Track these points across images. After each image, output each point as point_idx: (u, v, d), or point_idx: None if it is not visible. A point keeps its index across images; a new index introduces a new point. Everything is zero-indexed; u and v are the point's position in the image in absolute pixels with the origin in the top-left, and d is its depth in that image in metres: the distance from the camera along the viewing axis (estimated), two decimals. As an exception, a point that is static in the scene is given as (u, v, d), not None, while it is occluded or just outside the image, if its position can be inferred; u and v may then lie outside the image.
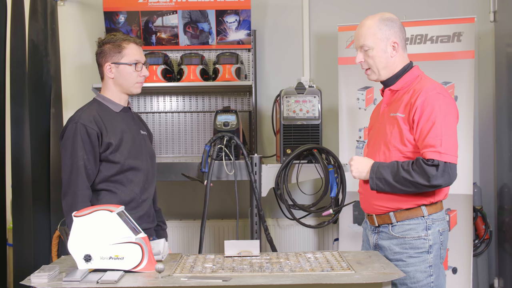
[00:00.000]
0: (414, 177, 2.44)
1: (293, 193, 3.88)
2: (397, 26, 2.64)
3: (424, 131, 2.46)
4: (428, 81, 2.58)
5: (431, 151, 2.42)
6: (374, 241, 2.71)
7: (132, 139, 2.83)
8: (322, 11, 4.67)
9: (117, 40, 2.80)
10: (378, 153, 2.64)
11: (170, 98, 4.60)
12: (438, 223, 2.59)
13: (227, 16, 4.34)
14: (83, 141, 2.66)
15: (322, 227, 4.10)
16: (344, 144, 4.11)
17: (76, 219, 2.31)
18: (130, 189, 2.78)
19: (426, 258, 2.56)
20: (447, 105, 2.49)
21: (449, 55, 3.89)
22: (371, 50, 2.63)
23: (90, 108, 2.79)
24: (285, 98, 3.85)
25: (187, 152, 4.61)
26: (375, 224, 2.68)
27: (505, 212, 4.32)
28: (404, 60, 2.68)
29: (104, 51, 2.80)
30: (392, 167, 2.51)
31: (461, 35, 3.91)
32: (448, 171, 2.41)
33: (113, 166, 2.74)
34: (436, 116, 2.45)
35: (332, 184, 3.69)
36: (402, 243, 2.58)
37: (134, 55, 2.80)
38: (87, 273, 2.25)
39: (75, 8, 4.64)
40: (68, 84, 4.55)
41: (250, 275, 2.24)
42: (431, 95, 2.48)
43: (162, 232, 3.16)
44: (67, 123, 2.73)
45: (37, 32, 3.90)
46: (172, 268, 2.35)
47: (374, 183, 2.57)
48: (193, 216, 4.54)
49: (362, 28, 2.66)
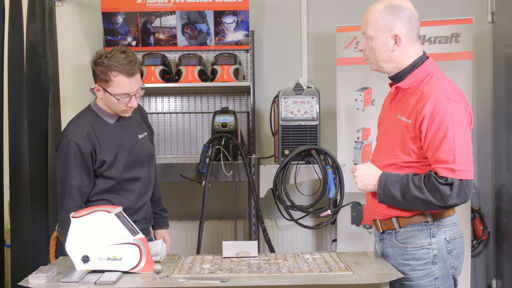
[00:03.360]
0: (426, 195, 2.21)
1: (291, 194, 3.88)
2: (405, 16, 2.34)
3: (434, 144, 2.21)
4: (438, 83, 2.30)
5: (443, 167, 2.18)
6: (380, 249, 2.53)
7: (128, 151, 2.77)
8: (320, 12, 4.67)
9: (108, 67, 2.59)
10: (385, 157, 2.42)
11: (168, 98, 4.60)
12: (445, 230, 2.35)
13: (225, 17, 4.34)
14: (76, 160, 2.62)
15: (320, 228, 4.11)
16: (342, 145, 4.11)
17: (74, 220, 2.31)
18: (125, 198, 2.76)
19: (431, 270, 2.34)
20: (458, 112, 2.22)
21: (447, 56, 3.89)
22: (371, 40, 2.39)
23: (84, 121, 2.71)
24: (283, 98, 3.85)
25: (185, 153, 4.60)
26: (380, 230, 2.49)
27: (503, 213, 4.32)
28: (414, 54, 2.38)
29: (95, 71, 2.65)
30: (401, 183, 2.28)
31: (459, 36, 3.91)
32: (465, 189, 2.18)
33: (109, 181, 2.72)
34: (447, 127, 2.19)
35: (330, 185, 3.69)
36: (404, 254, 2.38)
37: (121, 88, 2.62)
38: (85, 274, 2.25)
39: (73, 9, 4.63)
40: (66, 85, 4.54)
41: (248, 276, 2.25)
42: (441, 102, 2.22)
43: (162, 220, 3.12)
44: (61, 137, 2.69)
45: (35, 33, 3.90)
46: (170, 269, 2.35)
47: (382, 199, 2.36)
48: (191, 217, 4.54)
49: (368, 13, 2.41)
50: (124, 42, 4.37)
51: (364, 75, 4.01)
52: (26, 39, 3.81)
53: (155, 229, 3.12)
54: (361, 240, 4.07)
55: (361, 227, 4.09)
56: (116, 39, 4.37)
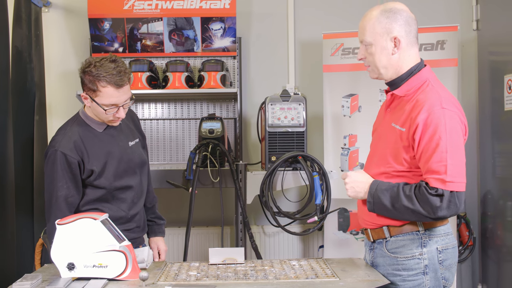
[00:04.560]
0: (416, 206, 2.18)
1: (278, 200, 3.89)
2: (401, 18, 2.30)
3: (427, 153, 2.17)
4: (434, 92, 2.25)
5: (434, 178, 2.15)
6: (370, 259, 2.48)
7: (118, 159, 2.72)
8: (307, 18, 4.69)
9: (96, 77, 2.51)
10: (377, 165, 2.39)
11: (155, 105, 4.59)
12: (437, 239, 2.31)
13: (212, 23, 4.34)
14: (62, 170, 2.57)
15: (307, 234, 4.11)
16: (329, 151, 4.12)
17: (60, 227, 2.30)
18: (117, 207, 2.72)
19: (422, 281, 2.30)
20: (452, 122, 2.18)
21: (432, 63, 3.88)
22: (370, 46, 2.34)
23: (71, 130, 2.66)
24: (270, 105, 3.86)
25: (172, 159, 4.60)
26: (371, 240, 2.45)
27: (489, 219, 4.36)
28: (412, 59, 2.35)
29: (83, 80, 2.58)
30: (392, 191, 2.26)
31: (445, 43, 3.95)
32: (455, 201, 2.15)
33: (99, 190, 2.67)
34: (440, 136, 2.15)
35: (317, 191, 3.69)
36: (395, 263, 2.34)
37: (109, 99, 2.55)
38: (70, 282, 2.24)
39: (59, 15, 4.61)
40: (53, 91, 4.52)
41: (234, 282, 2.24)
42: (435, 111, 2.17)
43: (157, 228, 3.06)
44: (49, 146, 2.64)
45: (21, 39, 3.88)
46: (156, 276, 2.34)
47: (372, 207, 2.33)
48: (178, 224, 4.52)
49: (364, 20, 2.36)
50: (111, 49, 4.36)
51: (351, 81, 4.04)
52: (12, 44, 3.79)
53: (150, 236, 3.06)
54: (348, 246, 4.08)
55: (348, 233, 4.10)
56: (103, 45, 4.36)
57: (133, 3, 4.31)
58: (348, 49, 4.06)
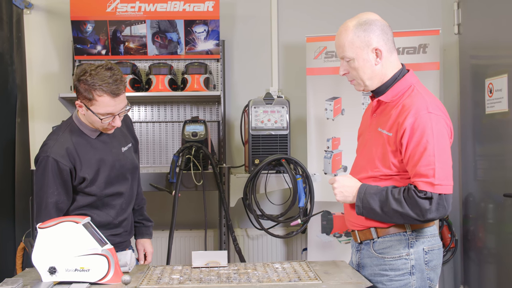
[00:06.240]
0: (405, 209, 2.20)
1: (262, 203, 3.89)
2: (378, 29, 2.32)
3: (415, 157, 2.20)
4: (419, 96, 2.28)
5: (423, 181, 2.18)
6: (356, 260, 2.49)
7: (110, 166, 2.67)
8: (291, 21, 4.70)
9: (92, 86, 2.44)
10: (364, 169, 2.41)
11: (138, 108, 4.57)
12: (424, 240, 2.34)
13: (195, 26, 4.34)
14: (54, 176, 2.53)
15: (290, 237, 4.11)
16: (312, 154, 4.13)
17: (41, 230, 2.28)
18: (105, 213, 2.69)
19: (408, 281, 2.32)
20: (439, 126, 2.21)
21: (415, 66, 3.93)
22: (352, 61, 2.34)
23: (64, 136, 2.61)
24: (254, 108, 3.86)
25: (155, 162, 4.58)
26: (358, 241, 2.45)
27: (470, 221, 4.40)
28: (394, 66, 2.37)
29: (78, 88, 2.49)
30: (380, 195, 2.28)
31: (427, 46, 3.98)
32: (444, 203, 2.18)
33: (89, 197, 2.64)
34: (427, 140, 2.18)
35: (300, 194, 3.70)
36: (382, 264, 2.36)
37: (105, 108, 2.49)
38: (51, 286, 2.22)
39: (41, 17, 4.57)
40: (35, 94, 4.48)
41: (217, 286, 2.24)
42: (422, 116, 2.20)
43: (145, 230, 3.04)
44: (40, 152, 2.59)
45: (2, 41, 3.85)
46: (139, 280, 2.33)
47: (361, 211, 2.34)
48: (161, 227, 4.50)
49: (340, 37, 2.36)
50: (94, 51, 4.34)
51: (334, 84, 4.05)
52: (-7, 47, 3.77)
53: (137, 238, 3.04)
54: (331, 249, 4.09)
55: (331, 236, 4.11)
56: (85, 48, 4.33)
57: (116, 5, 4.29)
58: (331, 52, 4.07)
